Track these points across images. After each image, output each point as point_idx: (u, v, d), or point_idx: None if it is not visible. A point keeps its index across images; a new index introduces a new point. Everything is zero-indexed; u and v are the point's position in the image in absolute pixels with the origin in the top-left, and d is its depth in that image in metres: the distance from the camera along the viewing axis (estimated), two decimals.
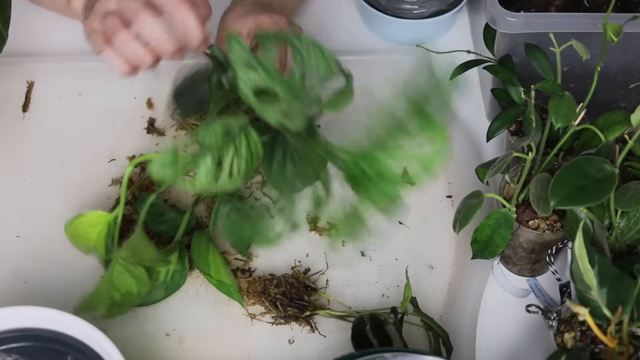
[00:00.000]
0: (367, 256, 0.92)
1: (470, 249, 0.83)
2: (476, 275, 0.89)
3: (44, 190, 0.94)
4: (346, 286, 0.90)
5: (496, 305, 0.88)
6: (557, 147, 0.82)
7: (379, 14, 1.03)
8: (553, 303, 0.88)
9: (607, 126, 0.82)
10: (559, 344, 0.76)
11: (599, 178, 0.73)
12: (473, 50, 0.97)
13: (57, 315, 0.77)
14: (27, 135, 0.98)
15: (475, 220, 0.80)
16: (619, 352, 0.69)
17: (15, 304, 0.78)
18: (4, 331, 0.78)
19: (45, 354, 0.78)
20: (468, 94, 1.02)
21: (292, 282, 0.88)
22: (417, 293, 0.87)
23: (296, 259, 0.91)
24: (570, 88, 0.91)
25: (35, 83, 1.02)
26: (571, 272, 0.70)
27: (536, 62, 0.86)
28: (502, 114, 0.88)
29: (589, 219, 0.77)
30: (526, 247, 0.85)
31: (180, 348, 0.85)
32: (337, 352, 0.78)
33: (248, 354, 0.85)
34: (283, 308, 0.86)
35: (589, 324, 0.68)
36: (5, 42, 0.88)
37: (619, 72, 0.92)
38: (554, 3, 0.93)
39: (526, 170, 0.80)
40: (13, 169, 0.95)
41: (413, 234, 0.93)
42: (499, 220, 0.81)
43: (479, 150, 0.98)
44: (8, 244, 0.90)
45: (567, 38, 0.79)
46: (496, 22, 0.86)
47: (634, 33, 0.84)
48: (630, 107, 0.94)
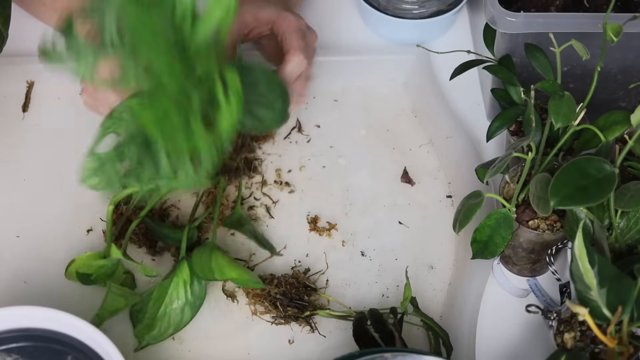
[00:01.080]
0: (367, 256, 0.92)
1: (470, 249, 0.83)
2: (476, 275, 0.89)
3: (44, 190, 0.94)
4: (346, 286, 0.90)
5: (496, 305, 0.88)
6: (557, 147, 0.82)
7: (379, 14, 1.03)
8: (553, 303, 0.88)
9: (607, 126, 0.82)
10: (559, 344, 0.76)
11: (599, 178, 0.73)
12: (473, 50, 0.97)
13: (57, 315, 0.77)
14: (27, 135, 0.98)
15: (475, 220, 0.80)
16: (619, 352, 0.69)
17: (15, 304, 0.78)
18: (4, 331, 0.78)
19: (45, 354, 0.78)
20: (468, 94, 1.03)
21: (292, 282, 0.88)
22: (417, 293, 0.87)
23: (296, 259, 0.91)
24: (570, 88, 0.91)
25: (35, 83, 1.02)
26: (571, 272, 0.70)
27: (536, 62, 0.86)
28: (502, 114, 0.88)
29: (589, 219, 0.77)
30: (526, 247, 0.85)
31: (180, 348, 0.85)
32: (337, 352, 0.78)
33: (248, 354, 0.85)
34: (283, 308, 0.86)
35: (589, 324, 0.68)
36: (5, 42, 0.88)
37: (619, 72, 0.92)
38: (554, 3, 0.93)
39: (526, 170, 0.80)
40: (13, 169, 0.96)
41: (413, 234, 0.93)
42: (499, 220, 0.81)
43: (479, 150, 0.98)
44: (8, 244, 0.90)
45: (567, 38, 0.79)
46: (496, 22, 0.86)
47: (634, 33, 0.84)
48: (630, 107, 0.94)
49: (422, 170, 0.98)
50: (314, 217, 0.94)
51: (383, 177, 0.97)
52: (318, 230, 0.93)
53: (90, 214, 0.92)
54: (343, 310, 0.85)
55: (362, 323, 0.80)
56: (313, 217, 0.94)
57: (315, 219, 0.93)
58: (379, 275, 0.90)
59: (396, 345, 0.79)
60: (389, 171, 0.97)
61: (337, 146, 0.99)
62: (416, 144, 1.00)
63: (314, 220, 0.93)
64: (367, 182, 0.97)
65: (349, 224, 0.94)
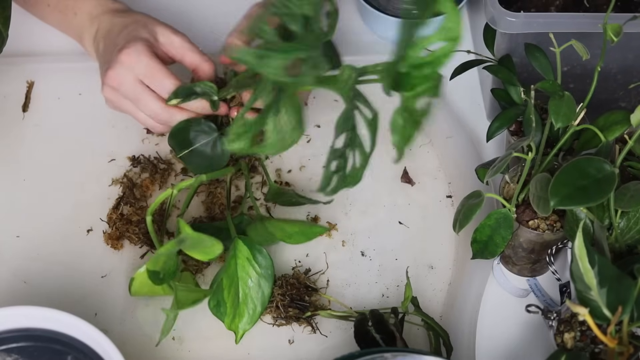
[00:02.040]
0: (367, 256, 0.92)
1: (470, 249, 0.83)
2: (476, 275, 0.89)
3: (44, 190, 0.94)
4: (346, 286, 0.90)
5: (496, 305, 0.89)
6: (557, 147, 0.82)
7: (379, 14, 1.03)
8: (553, 303, 0.88)
9: (607, 126, 0.82)
10: (559, 344, 0.76)
11: (599, 178, 0.73)
12: (473, 50, 0.97)
13: (57, 315, 0.77)
14: (27, 135, 0.98)
15: (475, 220, 0.80)
16: (619, 352, 0.69)
17: (15, 304, 0.78)
18: (4, 331, 0.78)
19: (45, 354, 0.78)
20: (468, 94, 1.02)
21: (292, 283, 0.88)
22: (417, 293, 0.87)
23: (296, 259, 0.91)
24: (570, 88, 0.91)
25: (35, 83, 1.01)
26: (571, 272, 0.70)
27: (536, 62, 0.86)
28: (502, 114, 0.88)
29: (589, 219, 0.77)
30: (526, 247, 0.85)
31: (180, 348, 0.85)
32: (337, 352, 0.78)
33: (248, 354, 0.85)
34: (284, 308, 0.86)
35: (589, 324, 0.68)
36: (6, 42, 0.88)
37: (619, 72, 0.92)
38: (554, 3, 0.93)
39: (526, 170, 0.80)
40: (13, 169, 0.95)
41: (413, 234, 0.93)
42: (499, 220, 0.81)
43: (479, 150, 0.98)
44: (8, 244, 0.90)
45: (567, 38, 0.79)
46: (496, 22, 0.86)
47: (634, 33, 0.84)
48: (630, 107, 0.94)
49: (422, 170, 0.98)
50: (314, 217, 0.94)
51: (383, 177, 0.97)
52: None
53: (90, 214, 0.92)
54: (344, 310, 0.85)
55: (364, 324, 0.80)
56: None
57: (316, 219, 0.93)
58: (379, 275, 0.90)
59: (397, 346, 0.79)
60: (389, 171, 0.97)
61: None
62: (416, 144, 1.00)
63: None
64: (367, 182, 0.96)
65: (349, 224, 0.94)
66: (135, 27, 0.88)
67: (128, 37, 0.87)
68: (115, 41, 0.89)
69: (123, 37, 0.88)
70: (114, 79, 0.86)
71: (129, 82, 0.85)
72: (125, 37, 0.87)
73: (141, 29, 0.88)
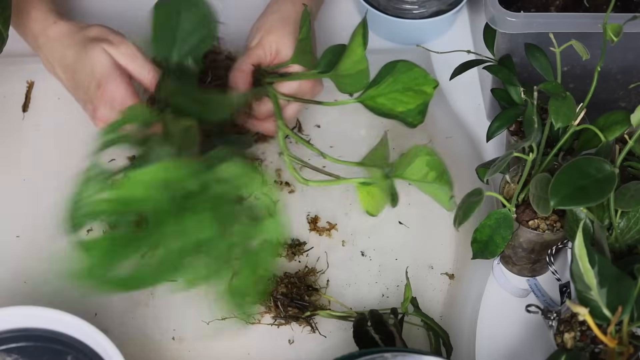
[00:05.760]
0: (367, 256, 0.92)
1: (470, 249, 0.83)
2: (476, 275, 0.89)
3: (44, 190, 0.94)
4: (346, 286, 0.90)
5: (496, 305, 0.89)
6: (557, 147, 0.82)
7: (379, 14, 1.03)
8: (553, 303, 0.88)
9: (607, 126, 0.82)
10: (559, 344, 0.76)
11: (599, 178, 0.73)
12: (473, 50, 0.97)
13: (57, 315, 0.77)
14: (27, 135, 0.98)
15: (475, 220, 0.80)
16: (619, 352, 0.69)
17: (15, 304, 0.78)
18: (4, 331, 0.78)
19: (45, 354, 0.78)
20: (468, 94, 1.02)
21: (293, 282, 0.88)
22: (417, 293, 0.87)
23: (296, 259, 0.91)
24: (570, 88, 0.91)
25: (35, 83, 1.02)
26: (571, 272, 0.70)
27: (536, 62, 0.86)
28: (502, 114, 0.88)
29: (589, 219, 0.77)
30: (526, 247, 0.85)
31: (180, 348, 0.85)
32: (337, 352, 0.78)
33: (248, 354, 0.85)
34: (284, 308, 0.86)
35: (589, 324, 0.68)
36: (6, 42, 0.88)
37: (619, 72, 0.92)
38: (554, 3, 0.93)
39: (526, 171, 0.80)
40: (13, 169, 0.95)
41: (413, 234, 0.93)
42: (499, 220, 0.81)
43: (479, 150, 0.98)
44: (8, 244, 0.90)
45: (567, 38, 0.79)
46: (496, 22, 0.86)
47: (634, 33, 0.84)
48: (630, 107, 0.94)
49: None
50: (314, 217, 0.94)
51: None
52: (318, 230, 0.93)
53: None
54: (343, 310, 0.85)
55: (363, 324, 0.80)
56: (313, 217, 0.94)
57: (315, 219, 0.93)
58: (379, 275, 0.90)
59: (397, 346, 0.79)
60: None
61: (337, 146, 0.99)
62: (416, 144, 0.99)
63: (314, 220, 0.93)
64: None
65: (349, 224, 0.94)
66: (92, 47, 0.87)
67: (93, 66, 0.86)
68: (75, 67, 0.88)
69: (85, 66, 0.87)
70: (104, 120, 0.86)
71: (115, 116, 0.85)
72: (89, 66, 0.87)
73: (96, 49, 0.87)
